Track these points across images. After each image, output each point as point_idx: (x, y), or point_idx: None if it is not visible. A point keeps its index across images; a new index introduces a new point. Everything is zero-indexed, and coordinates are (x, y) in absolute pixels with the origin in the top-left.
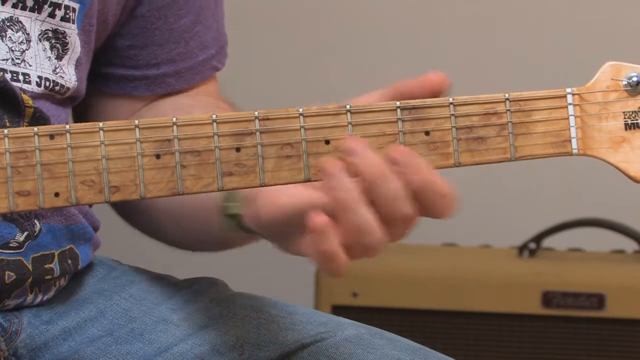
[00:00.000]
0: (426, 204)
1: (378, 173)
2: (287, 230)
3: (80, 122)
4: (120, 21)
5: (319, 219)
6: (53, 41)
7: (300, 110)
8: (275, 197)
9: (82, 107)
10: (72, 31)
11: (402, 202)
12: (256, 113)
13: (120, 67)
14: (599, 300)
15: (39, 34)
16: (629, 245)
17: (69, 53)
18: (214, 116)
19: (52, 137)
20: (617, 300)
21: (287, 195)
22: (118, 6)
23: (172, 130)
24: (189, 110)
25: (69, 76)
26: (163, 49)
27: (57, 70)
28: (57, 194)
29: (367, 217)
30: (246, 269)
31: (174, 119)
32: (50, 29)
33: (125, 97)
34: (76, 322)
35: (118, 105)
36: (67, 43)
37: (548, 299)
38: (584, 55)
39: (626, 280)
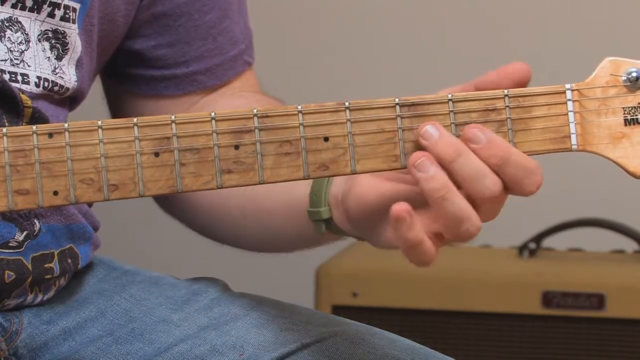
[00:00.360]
0: (510, 179)
1: (455, 152)
2: (376, 225)
3: None
4: (140, 21)
5: (399, 207)
6: (53, 41)
7: (299, 107)
8: (363, 194)
9: (122, 111)
10: (72, 31)
11: (486, 179)
12: (255, 110)
13: (149, 68)
14: (599, 300)
15: (39, 34)
16: (629, 245)
17: (69, 53)
18: (212, 114)
19: (50, 135)
20: (617, 300)
21: (374, 192)
22: (129, 6)
23: (171, 128)
24: None
25: (69, 76)
26: (190, 47)
27: (57, 70)
28: (56, 193)
29: (463, 204)
30: (246, 269)
31: (173, 117)
32: (50, 29)
33: (158, 98)
34: (76, 322)
35: (153, 107)
36: (67, 43)
37: (548, 299)
38: (583, 50)
39: (626, 280)
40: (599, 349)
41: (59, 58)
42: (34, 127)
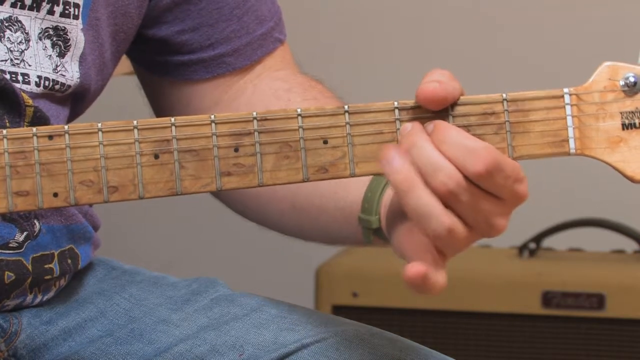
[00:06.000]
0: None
1: (430, 164)
2: (392, 230)
3: (161, 115)
4: (160, 8)
5: (415, 270)
6: (54, 39)
7: (299, 110)
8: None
9: (161, 102)
10: (73, 27)
11: (462, 192)
12: (254, 113)
13: (175, 54)
14: (599, 300)
15: (40, 33)
16: (629, 245)
17: (71, 49)
18: (212, 116)
19: (50, 137)
20: (617, 300)
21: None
22: None
23: (171, 131)
24: (287, 97)
25: (71, 73)
26: (214, 29)
27: (59, 68)
28: (55, 194)
29: (425, 199)
30: (246, 269)
31: (173, 120)
32: (51, 27)
33: (190, 83)
34: (76, 322)
35: (188, 93)
36: (69, 39)
37: (548, 299)
38: (582, 55)
39: (626, 280)
40: (598, 349)
41: (61, 55)
42: (34, 129)
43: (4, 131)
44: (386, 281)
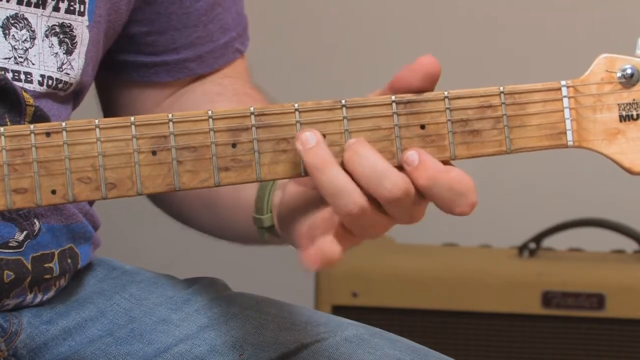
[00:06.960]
0: (438, 200)
1: (374, 172)
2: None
3: (110, 115)
4: (134, 7)
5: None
6: (61, 36)
7: (296, 105)
8: (286, 203)
9: (108, 99)
10: (78, 23)
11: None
12: (252, 109)
13: (139, 54)
14: (598, 300)
15: (46, 30)
16: (629, 245)
17: (77, 46)
18: (209, 112)
19: (48, 134)
20: (617, 300)
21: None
22: None
23: (168, 127)
24: (216, 99)
25: (76, 71)
26: (181, 34)
27: (64, 66)
28: (54, 191)
29: (338, 177)
30: (246, 269)
31: (170, 116)
32: (57, 24)
33: (147, 85)
34: (76, 322)
35: (140, 94)
36: (75, 36)
37: (548, 299)
38: (578, 47)
39: (626, 280)
40: (598, 349)
41: (68, 52)
42: (32, 126)
43: (1, 129)
44: (386, 281)
